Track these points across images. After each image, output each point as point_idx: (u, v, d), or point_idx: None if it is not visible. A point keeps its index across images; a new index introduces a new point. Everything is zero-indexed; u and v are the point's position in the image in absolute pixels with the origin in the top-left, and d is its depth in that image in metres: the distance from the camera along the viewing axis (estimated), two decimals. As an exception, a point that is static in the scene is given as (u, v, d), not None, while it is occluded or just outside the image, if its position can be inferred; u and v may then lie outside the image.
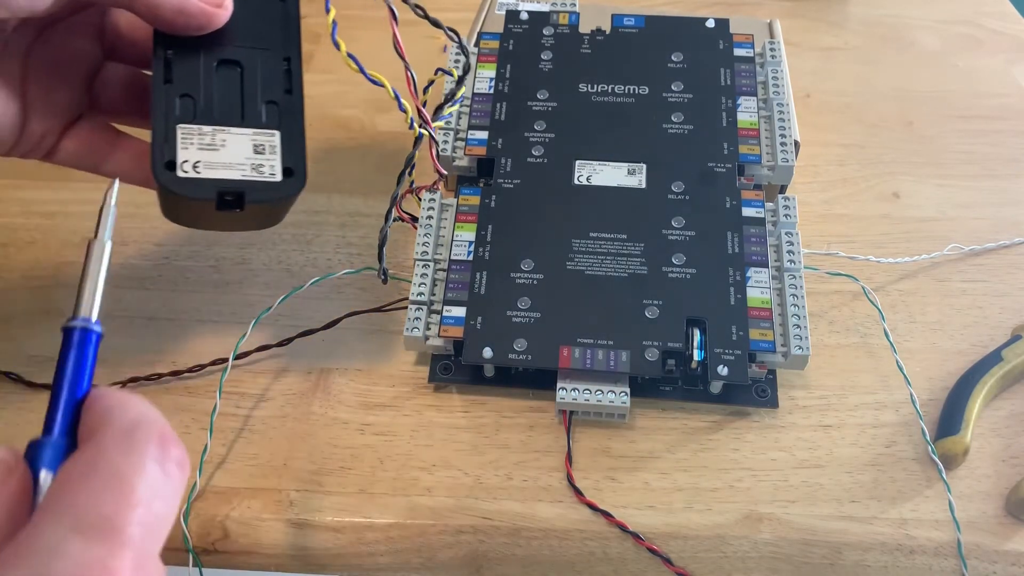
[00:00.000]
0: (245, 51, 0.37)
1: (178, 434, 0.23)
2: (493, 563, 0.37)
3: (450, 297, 0.40)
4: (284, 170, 0.36)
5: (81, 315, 0.26)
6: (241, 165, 0.36)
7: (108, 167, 0.40)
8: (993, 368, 0.41)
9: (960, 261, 0.47)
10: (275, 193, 0.36)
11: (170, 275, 0.46)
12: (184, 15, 0.35)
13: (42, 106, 0.38)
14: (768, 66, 0.47)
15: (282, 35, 0.38)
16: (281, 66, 0.37)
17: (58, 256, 0.46)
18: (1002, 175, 0.51)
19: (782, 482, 0.38)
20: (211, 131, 0.36)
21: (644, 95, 0.46)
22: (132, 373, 0.41)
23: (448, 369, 0.41)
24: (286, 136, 0.37)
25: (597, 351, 0.38)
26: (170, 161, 0.35)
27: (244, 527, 0.37)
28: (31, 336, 0.43)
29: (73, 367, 0.24)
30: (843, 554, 0.37)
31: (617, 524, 0.36)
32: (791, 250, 0.41)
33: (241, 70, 0.37)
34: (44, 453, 0.23)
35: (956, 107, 0.55)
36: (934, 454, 0.38)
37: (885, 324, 0.41)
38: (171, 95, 0.36)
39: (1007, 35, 0.60)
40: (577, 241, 0.41)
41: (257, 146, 0.36)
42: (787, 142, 0.44)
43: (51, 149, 0.39)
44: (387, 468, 0.39)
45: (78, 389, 0.24)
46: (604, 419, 0.39)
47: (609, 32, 0.49)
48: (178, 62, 0.36)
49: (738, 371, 0.38)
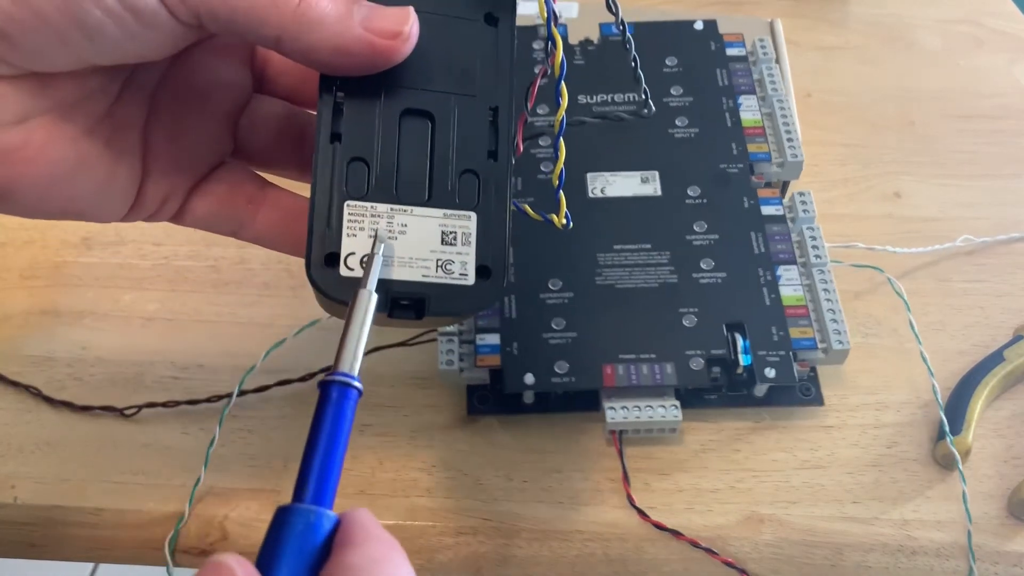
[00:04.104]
0: (438, 97, 0.28)
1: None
2: (493, 564, 0.37)
3: (482, 325, 0.38)
4: (478, 269, 0.28)
5: (341, 369, 0.23)
6: (424, 261, 0.27)
7: (251, 231, 0.31)
8: (995, 368, 0.40)
9: (961, 261, 0.46)
10: (464, 303, 0.28)
11: (169, 275, 0.46)
12: (346, 54, 0.26)
13: (167, 161, 0.30)
14: (761, 63, 0.47)
15: (489, 75, 0.29)
16: (485, 119, 0.29)
17: (57, 256, 0.46)
18: (1004, 175, 0.51)
19: (783, 483, 0.38)
20: (388, 212, 0.27)
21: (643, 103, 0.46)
22: (131, 373, 0.41)
23: (485, 400, 0.39)
24: (484, 221, 0.28)
25: (641, 366, 0.38)
26: (332, 254, 0.27)
27: (244, 528, 0.37)
28: (30, 336, 0.43)
29: (330, 427, 0.23)
30: (844, 555, 0.36)
31: (653, 524, 0.36)
32: (815, 245, 0.41)
33: (432, 124, 0.28)
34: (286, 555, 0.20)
35: (958, 106, 0.55)
36: (953, 445, 0.38)
37: (911, 315, 0.41)
38: (339, 159, 0.27)
39: (1009, 34, 0.60)
40: (602, 255, 0.41)
41: (446, 234, 0.28)
42: (793, 137, 0.44)
43: (178, 211, 0.31)
44: (386, 469, 0.38)
45: (333, 451, 0.22)
46: (655, 435, 0.39)
47: (599, 41, 0.48)
48: (351, 111, 0.28)
49: (785, 372, 0.38)
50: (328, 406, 0.23)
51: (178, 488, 0.38)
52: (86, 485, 0.38)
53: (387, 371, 0.41)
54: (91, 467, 0.38)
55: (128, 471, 0.38)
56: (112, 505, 0.37)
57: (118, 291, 0.45)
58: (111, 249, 0.46)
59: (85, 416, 0.40)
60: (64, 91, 0.26)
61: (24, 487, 0.38)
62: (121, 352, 0.42)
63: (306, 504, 0.22)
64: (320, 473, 0.22)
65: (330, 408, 0.23)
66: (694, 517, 0.37)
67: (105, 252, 0.46)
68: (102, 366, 0.42)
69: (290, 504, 0.22)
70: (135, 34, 0.25)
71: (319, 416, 0.23)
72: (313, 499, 0.22)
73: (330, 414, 0.23)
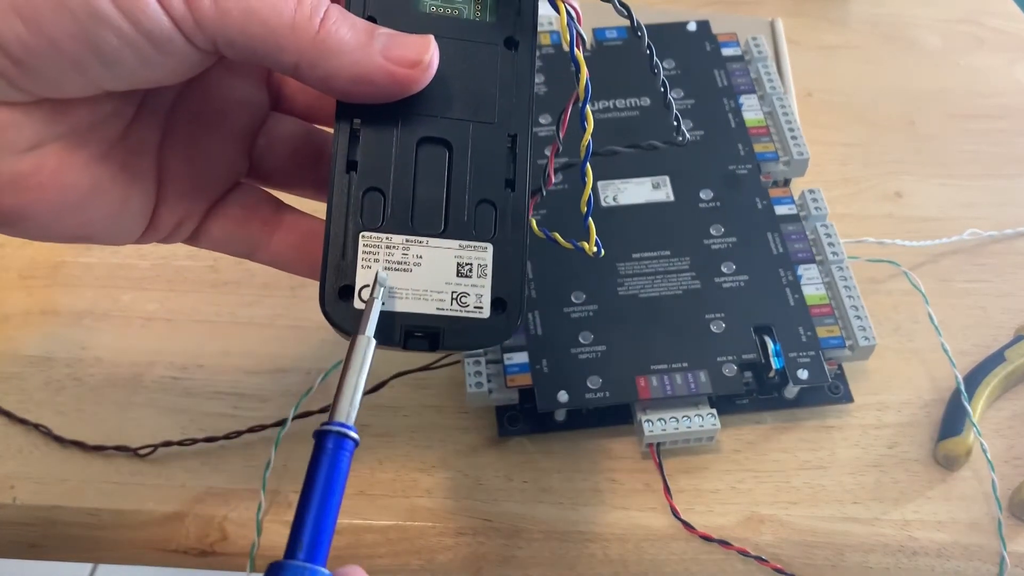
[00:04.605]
0: (456, 125, 0.28)
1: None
2: (493, 565, 0.37)
3: (508, 343, 0.38)
4: (494, 302, 0.27)
5: (337, 418, 0.23)
6: (438, 293, 0.27)
7: (266, 254, 0.31)
8: (996, 369, 0.40)
9: (962, 261, 0.46)
10: (479, 336, 0.27)
11: (168, 275, 0.45)
12: (365, 83, 0.25)
13: (182, 184, 0.29)
14: (756, 62, 0.47)
15: (508, 102, 0.28)
16: (503, 147, 0.28)
17: (55, 256, 0.46)
18: (1005, 174, 0.51)
19: (784, 483, 0.38)
20: (402, 243, 0.27)
21: (647, 106, 0.45)
22: (130, 373, 0.41)
23: (516, 420, 0.39)
24: (501, 252, 0.28)
25: (675, 376, 0.37)
26: (346, 287, 0.27)
27: (243, 528, 0.37)
28: (29, 336, 0.43)
29: (324, 478, 0.22)
30: (845, 556, 0.36)
31: (697, 534, 0.36)
32: (831, 242, 0.41)
33: (449, 153, 0.28)
34: None
35: (959, 106, 0.55)
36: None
37: (929, 308, 0.41)
38: (355, 189, 0.27)
39: (1010, 34, 0.60)
40: (622, 264, 0.40)
41: (462, 266, 0.27)
42: (797, 135, 0.44)
43: (192, 233, 0.30)
44: (386, 469, 0.38)
45: (327, 504, 0.22)
46: (692, 444, 0.38)
47: (594, 47, 0.47)
48: (367, 139, 0.27)
49: (817, 372, 0.38)
50: (323, 456, 0.22)
51: (178, 488, 0.38)
52: (85, 485, 0.38)
53: (385, 371, 0.41)
54: (91, 468, 0.38)
55: (128, 471, 0.38)
56: (112, 505, 0.37)
57: (117, 291, 0.44)
58: (110, 249, 0.46)
59: (97, 456, 0.39)
60: (78, 117, 0.26)
61: (23, 487, 0.38)
62: (120, 352, 0.42)
63: (298, 561, 0.21)
64: (314, 528, 0.22)
65: (325, 459, 0.22)
66: (695, 518, 0.37)
67: (104, 252, 0.46)
68: (101, 366, 0.42)
69: (282, 561, 0.21)
70: (150, 60, 0.24)
71: (314, 467, 0.22)
72: (306, 555, 0.22)
73: (325, 465, 0.22)
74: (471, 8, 0.28)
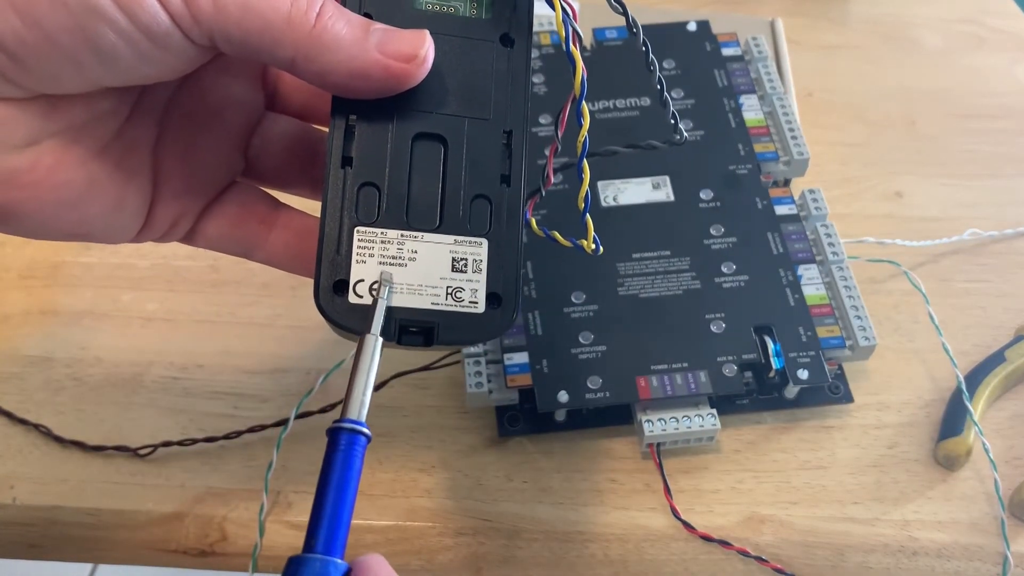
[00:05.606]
0: (452, 121, 0.28)
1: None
2: (493, 565, 0.37)
3: (508, 343, 0.38)
4: (489, 297, 0.27)
5: (349, 416, 0.23)
6: (433, 288, 0.27)
7: (262, 253, 0.31)
8: (996, 369, 0.40)
9: (963, 261, 0.46)
10: (474, 331, 0.27)
11: (167, 275, 0.45)
12: (361, 78, 0.25)
13: (178, 182, 0.29)
14: (756, 62, 0.46)
15: (504, 98, 0.28)
16: (499, 143, 0.28)
17: (55, 256, 0.46)
18: (1005, 174, 0.51)
19: (784, 483, 0.38)
20: (397, 238, 0.27)
21: (647, 107, 0.45)
22: (130, 373, 0.41)
23: (516, 420, 0.39)
24: (496, 247, 0.28)
25: (675, 376, 0.37)
26: (340, 281, 0.27)
27: (243, 529, 0.37)
28: (28, 336, 0.43)
29: (339, 474, 0.23)
30: (845, 556, 0.36)
31: (700, 536, 0.36)
32: (831, 242, 0.41)
33: (444, 148, 0.28)
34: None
35: (959, 106, 0.55)
36: (980, 435, 0.38)
37: (929, 308, 0.41)
38: (350, 184, 0.27)
39: (1010, 34, 0.60)
40: (622, 264, 0.40)
41: (457, 261, 0.27)
42: (797, 135, 0.44)
43: (188, 233, 0.31)
44: (386, 469, 0.38)
45: (342, 499, 0.23)
46: (692, 444, 0.38)
47: (594, 47, 0.47)
48: (362, 134, 0.27)
49: (817, 372, 0.38)
50: (337, 453, 0.23)
51: (177, 488, 0.38)
52: (85, 485, 0.38)
53: (385, 372, 0.41)
54: (90, 468, 0.38)
55: (127, 471, 0.38)
56: (111, 505, 0.37)
57: (117, 291, 0.44)
58: (110, 249, 0.46)
59: (97, 456, 0.39)
60: (74, 113, 0.26)
61: (23, 487, 0.38)
62: (120, 352, 0.42)
63: (316, 554, 0.22)
64: (330, 522, 0.22)
65: (339, 456, 0.23)
66: (695, 518, 0.37)
67: (104, 252, 0.46)
68: (101, 366, 0.42)
69: (301, 555, 0.22)
70: (148, 56, 0.24)
71: (328, 464, 0.23)
72: (324, 549, 0.22)
73: (339, 461, 0.23)
74: (467, 5, 0.28)
